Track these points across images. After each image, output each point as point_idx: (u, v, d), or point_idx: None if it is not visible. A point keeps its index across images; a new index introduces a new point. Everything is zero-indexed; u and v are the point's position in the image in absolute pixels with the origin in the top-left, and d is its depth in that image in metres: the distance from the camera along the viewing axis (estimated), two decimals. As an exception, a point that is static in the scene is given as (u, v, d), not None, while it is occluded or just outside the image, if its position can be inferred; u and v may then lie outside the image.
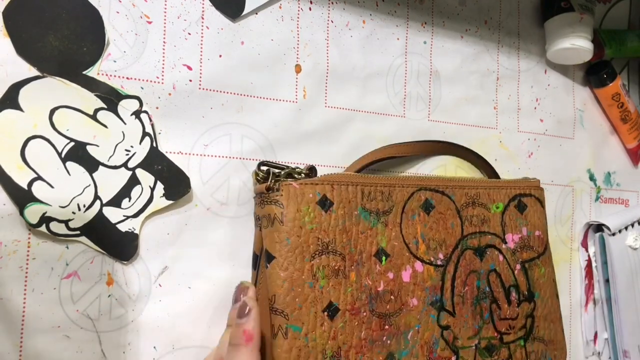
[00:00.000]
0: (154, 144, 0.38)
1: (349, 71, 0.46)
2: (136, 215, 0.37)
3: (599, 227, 0.60)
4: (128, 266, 0.37)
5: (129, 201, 0.37)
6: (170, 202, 0.38)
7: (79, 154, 0.35)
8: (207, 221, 0.40)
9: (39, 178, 0.34)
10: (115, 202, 0.36)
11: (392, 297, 0.40)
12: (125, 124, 0.37)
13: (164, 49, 0.39)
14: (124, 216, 0.36)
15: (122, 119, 0.37)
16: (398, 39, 0.49)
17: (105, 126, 0.36)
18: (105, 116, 0.36)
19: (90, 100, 0.36)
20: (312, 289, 0.37)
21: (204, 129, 0.40)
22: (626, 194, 0.65)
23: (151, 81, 0.38)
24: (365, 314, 0.39)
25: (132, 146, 0.37)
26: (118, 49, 0.37)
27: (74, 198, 0.35)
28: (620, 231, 0.60)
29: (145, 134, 0.37)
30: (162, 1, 0.39)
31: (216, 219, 0.40)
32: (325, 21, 0.45)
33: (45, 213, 0.34)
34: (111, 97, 0.36)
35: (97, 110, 0.36)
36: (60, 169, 0.35)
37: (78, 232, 0.35)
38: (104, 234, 0.36)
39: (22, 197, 0.33)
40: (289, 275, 0.36)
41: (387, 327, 0.40)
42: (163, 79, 0.39)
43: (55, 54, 0.35)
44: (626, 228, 0.60)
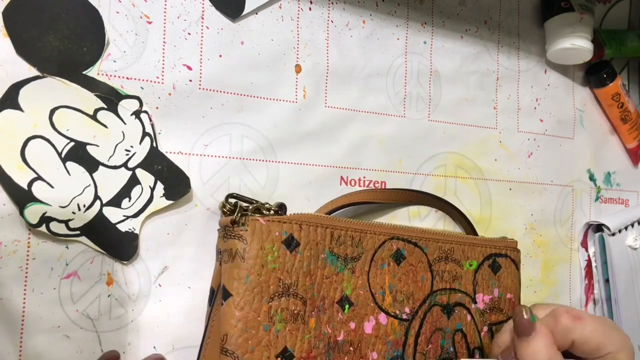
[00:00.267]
0: (154, 144, 0.38)
1: (349, 71, 0.46)
2: (136, 215, 0.37)
3: (598, 227, 0.60)
4: (128, 266, 0.37)
5: (129, 201, 0.37)
6: (170, 202, 0.38)
7: (79, 154, 0.35)
8: (207, 221, 0.40)
9: (39, 178, 0.34)
10: (115, 202, 0.36)
11: (351, 348, 0.39)
12: (125, 124, 0.37)
13: (164, 49, 0.39)
14: (124, 216, 0.36)
15: (122, 119, 0.37)
16: (398, 39, 0.49)
17: (105, 126, 0.36)
18: (105, 116, 0.36)
19: (90, 100, 0.36)
20: (267, 332, 0.35)
21: (204, 129, 0.40)
22: (626, 194, 0.65)
23: (151, 81, 0.38)
24: None
25: (132, 146, 0.37)
26: (118, 49, 0.37)
27: (74, 198, 0.35)
28: (620, 231, 0.60)
29: (145, 134, 0.37)
30: (162, 1, 0.39)
31: (216, 219, 0.40)
32: (325, 21, 0.45)
33: (45, 213, 0.34)
34: (111, 97, 0.36)
35: (97, 110, 0.36)
36: (60, 169, 0.35)
37: (78, 232, 0.35)
38: (104, 234, 0.36)
39: (22, 197, 0.33)
40: (244, 315, 0.35)
41: None
42: (163, 79, 0.39)
43: (55, 54, 0.35)
44: (626, 228, 0.60)
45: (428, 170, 0.50)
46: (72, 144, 0.35)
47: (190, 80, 0.40)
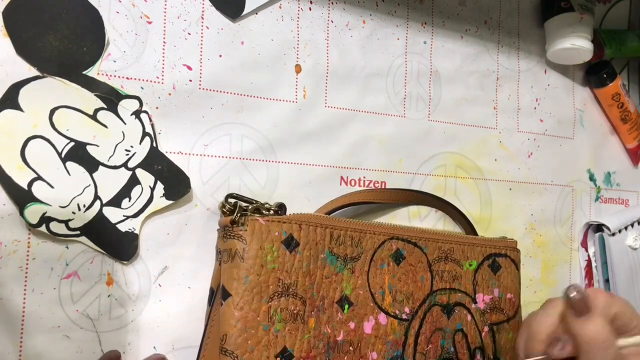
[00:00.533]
0: (154, 144, 0.38)
1: (349, 71, 0.46)
2: (136, 215, 0.37)
3: (598, 227, 0.60)
4: (128, 266, 0.37)
5: (129, 201, 0.37)
6: (170, 202, 0.38)
7: (79, 154, 0.35)
8: (207, 221, 0.40)
9: (39, 178, 0.34)
10: (115, 202, 0.36)
11: (351, 348, 0.39)
12: (125, 124, 0.37)
13: (164, 49, 0.39)
14: (124, 216, 0.36)
15: (122, 119, 0.37)
16: (398, 39, 0.49)
17: (105, 126, 0.36)
18: (105, 116, 0.36)
19: (90, 100, 0.36)
20: (267, 332, 0.35)
21: (204, 129, 0.40)
22: (626, 194, 0.65)
23: (151, 81, 0.38)
24: None
25: (132, 146, 0.37)
26: (118, 49, 0.37)
27: (74, 198, 0.35)
28: (620, 231, 0.60)
29: (145, 134, 0.37)
30: (162, 1, 0.39)
31: (216, 219, 0.40)
32: (325, 21, 0.45)
33: (45, 213, 0.34)
34: (111, 97, 0.36)
35: (97, 110, 0.36)
36: (60, 169, 0.35)
37: (78, 232, 0.35)
38: (104, 234, 0.36)
39: (22, 197, 0.33)
40: (243, 315, 0.35)
41: None
42: (163, 79, 0.39)
43: (55, 54, 0.35)
44: (626, 228, 0.60)
45: (428, 170, 0.50)
46: (72, 144, 0.35)
47: (190, 80, 0.40)
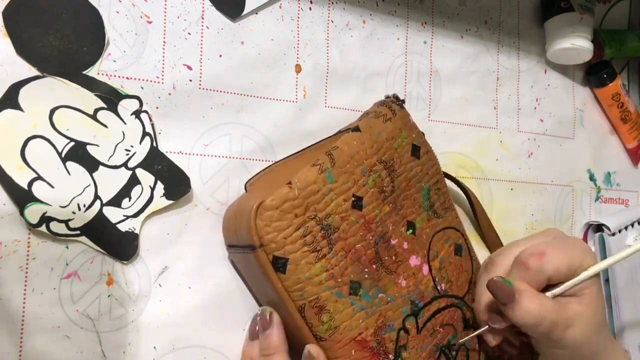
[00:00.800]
0: (154, 144, 0.38)
1: (349, 71, 0.46)
2: (136, 215, 0.37)
3: (598, 227, 0.60)
4: (128, 266, 0.37)
5: (129, 201, 0.37)
6: (170, 202, 0.38)
7: (79, 154, 0.35)
8: (207, 221, 0.40)
9: (39, 178, 0.34)
10: (116, 202, 0.36)
11: (394, 257, 0.40)
12: (126, 123, 0.37)
13: (164, 49, 0.39)
14: (124, 216, 0.36)
15: (122, 119, 0.37)
16: (398, 39, 0.49)
17: (106, 126, 0.36)
18: (105, 116, 0.36)
19: (90, 100, 0.36)
20: (365, 174, 0.38)
21: (204, 129, 0.40)
22: (626, 194, 0.65)
23: (151, 81, 0.38)
24: (371, 238, 0.38)
25: (132, 146, 0.37)
26: (118, 49, 0.37)
27: (74, 198, 0.35)
28: (620, 231, 0.60)
29: (145, 133, 0.37)
30: (162, 1, 0.39)
31: (216, 219, 0.40)
32: (326, 21, 0.45)
33: (45, 213, 0.34)
34: (111, 97, 0.36)
35: (97, 110, 0.36)
36: (60, 168, 0.35)
37: (78, 232, 0.35)
38: (104, 234, 0.36)
39: (22, 197, 0.33)
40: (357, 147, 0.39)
41: (374, 266, 0.39)
42: (163, 79, 0.39)
43: (55, 54, 0.35)
44: (626, 228, 0.60)
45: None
46: (72, 143, 0.35)
47: (190, 80, 0.40)
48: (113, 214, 0.36)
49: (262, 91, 0.42)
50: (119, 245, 0.36)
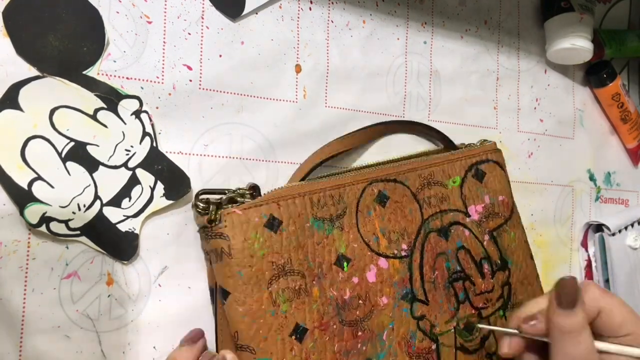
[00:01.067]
0: (154, 144, 0.38)
1: (349, 71, 0.46)
2: (136, 215, 0.37)
3: (598, 227, 0.60)
4: (128, 266, 0.37)
5: (129, 201, 0.37)
6: (170, 202, 0.38)
7: (79, 154, 0.35)
8: (207, 221, 0.40)
9: (39, 178, 0.34)
10: (116, 202, 0.36)
11: (360, 301, 0.39)
12: (125, 123, 0.37)
13: (164, 49, 0.39)
14: (124, 216, 0.36)
15: (122, 119, 0.37)
16: (398, 39, 0.49)
17: (105, 126, 0.36)
18: (105, 116, 0.36)
19: (90, 100, 0.36)
20: (275, 316, 0.35)
21: (204, 129, 0.40)
22: (626, 194, 0.65)
23: (151, 81, 0.38)
24: (335, 326, 0.37)
25: (132, 146, 0.37)
26: (118, 49, 0.37)
27: (74, 198, 0.35)
28: (620, 231, 0.60)
29: (145, 133, 0.37)
30: (162, 1, 0.39)
31: (216, 219, 0.40)
32: (326, 21, 0.45)
33: (45, 213, 0.34)
34: (111, 97, 0.36)
35: (97, 110, 0.36)
36: (60, 169, 0.35)
37: (78, 232, 0.35)
38: (104, 234, 0.36)
39: (22, 197, 0.33)
40: (247, 308, 0.35)
41: (360, 333, 0.38)
42: (163, 79, 0.39)
43: (55, 54, 0.35)
44: (626, 228, 0.60)
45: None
46: (72, 143, 0.35)
47: (190, 80, 0.40)
48: (113, 214, 0.36)
49: (262, 91, 0.42)
50: (119, 245, 0.36)
